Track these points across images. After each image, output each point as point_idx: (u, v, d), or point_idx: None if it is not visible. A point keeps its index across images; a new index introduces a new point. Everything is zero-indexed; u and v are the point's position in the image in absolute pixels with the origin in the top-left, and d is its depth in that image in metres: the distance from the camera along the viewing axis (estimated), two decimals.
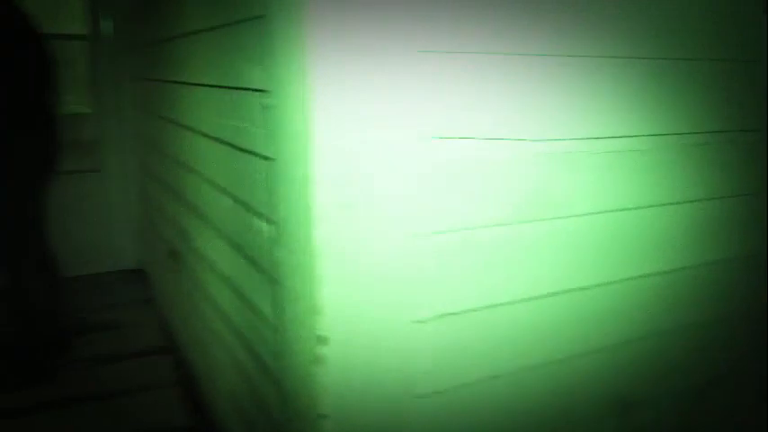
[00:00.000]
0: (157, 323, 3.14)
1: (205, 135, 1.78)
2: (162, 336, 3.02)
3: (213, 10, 1.53)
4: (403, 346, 1.25)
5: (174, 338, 2.86)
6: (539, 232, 1.38)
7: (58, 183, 2.55)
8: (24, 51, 2.23)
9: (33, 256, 2.47)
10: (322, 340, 1.17)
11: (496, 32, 1.26)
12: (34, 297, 2.48)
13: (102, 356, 2.81)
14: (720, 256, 1.69)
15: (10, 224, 2.36)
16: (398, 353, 1.25)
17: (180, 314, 2.65)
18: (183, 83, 1.99)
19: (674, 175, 1.55)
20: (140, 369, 2.74)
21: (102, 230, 3.64)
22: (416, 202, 1.22)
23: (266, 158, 1.31)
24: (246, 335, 1.64)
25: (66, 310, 2.76)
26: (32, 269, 2.46)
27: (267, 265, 1.40)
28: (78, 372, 2.69)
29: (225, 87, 1.50)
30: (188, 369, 2.57)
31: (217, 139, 1.66)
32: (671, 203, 1.56)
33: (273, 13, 1.17)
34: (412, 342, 1.26)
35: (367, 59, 1.11)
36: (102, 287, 3.59)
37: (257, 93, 1.29)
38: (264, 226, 1.38)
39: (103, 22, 3.43)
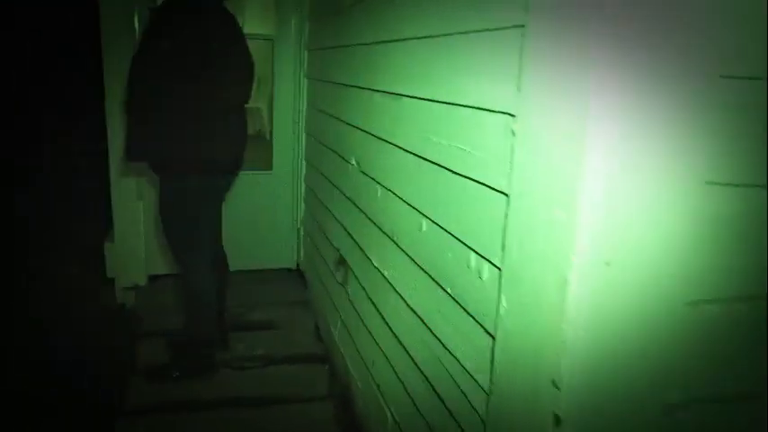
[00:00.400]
0: (313, 328, 3.09)
1: (406, 150, 1.62)
2: (317, 342, 2.96)
3: (446, 16, 1.35)
4: None
5: (329, 347, 2.78)
6: None
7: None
8: (238, 52, 2.22)
9: (208, 254, 2.47)
10: (557, 420, 0.97)
11: None
12: (205, 295, 2.50)
13: (256, 357, 2.80)
14: None
15: (185, 222, 2.37)
16: None
17: (340, 324, 2.55)
18: (381, 91, 1.86)
19: None
20: (294, 376, 2.69)
21: (264, 228, 3.66)
22: (687, 263, 0.99)
23: (499, 192, 1.12)
24: (434, 380, 1.47)
25: (228, 306, 2.78)
26: (207, 267, 2.46)
27: (480, 312, 1.21)
28: (232, 372, 2.68)
29: (449, 104, 1.33)
30: (344, 383, 2.47)
31: (422, 158, 1.50)
32: None
33: (540, 23, 0.98)
34: (659, 431, 1.03)
35: (655, 85, 0.89)
36: (260, 285, 3.61)
37: (500, 115, 1.10)
38: (484, 267, 1.19)
39: (288, 23, 3.43)
